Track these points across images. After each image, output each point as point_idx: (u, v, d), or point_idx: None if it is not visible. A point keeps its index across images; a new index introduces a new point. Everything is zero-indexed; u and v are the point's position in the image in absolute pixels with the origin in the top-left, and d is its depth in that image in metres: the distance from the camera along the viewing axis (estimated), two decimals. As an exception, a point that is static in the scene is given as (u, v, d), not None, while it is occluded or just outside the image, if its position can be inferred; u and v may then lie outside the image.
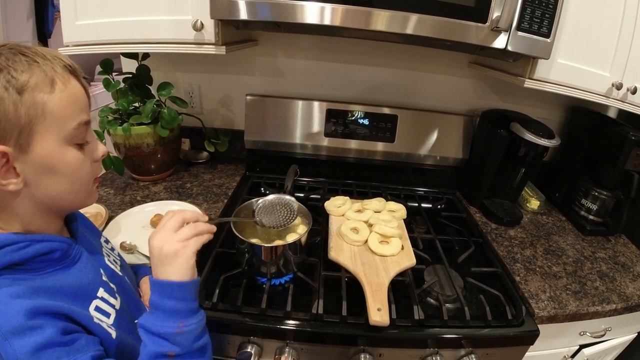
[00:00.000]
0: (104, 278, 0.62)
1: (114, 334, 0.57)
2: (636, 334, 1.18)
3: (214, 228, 0.63)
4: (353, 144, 1.37)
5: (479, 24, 0.90)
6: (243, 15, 0.89)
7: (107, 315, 0.58)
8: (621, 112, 1.42)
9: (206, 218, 0.64)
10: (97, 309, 0.56)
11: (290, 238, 0.89)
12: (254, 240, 0.87)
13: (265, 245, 0.85)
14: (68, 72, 0.52)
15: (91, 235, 0.69)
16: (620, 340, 1.16)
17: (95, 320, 0.54)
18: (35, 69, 0.48)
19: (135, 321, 0.65)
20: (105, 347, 0.54)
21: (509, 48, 0.93)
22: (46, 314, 0.48)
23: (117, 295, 0.63)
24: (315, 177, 1.39)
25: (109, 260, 0.69)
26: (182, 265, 0.56)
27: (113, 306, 0.60)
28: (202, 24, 0.95)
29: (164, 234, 0.57)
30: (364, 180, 1.42)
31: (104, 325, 0.55)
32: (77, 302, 0.54)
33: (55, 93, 0.49)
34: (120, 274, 0.69)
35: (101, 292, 0.59)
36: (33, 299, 0.48)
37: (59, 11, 2.54)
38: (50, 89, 0.48)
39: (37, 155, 0.48)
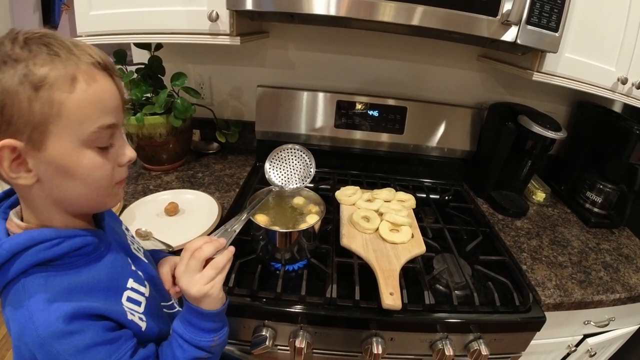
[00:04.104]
0: (133, 267, 0.63)
1: (143, 326, 0.58)
2: (639, 325, 1.21)
3: (232, 252, 0.64)
4: (362, 135, 1.39)
5: (490, 17, 0.92)
6: (258, 5, 0.91)
7: (139, 304, 0.59)
8: (626, 107, 1.44)
9: (223, 243, 0.63)
10: (129, 299, 0.58)
11: (304, 225, 0.91)
12: (268, 224, 0.88)
13: (280, 231, 0.87)
14: (97, 69, 0.48)
15: (116, 225, 0.69)
16: (623, 330, 1.18)
17: (129, 316, 0.55)
18: (57, 64, 0.44)
19: (164, 309, 0.68)
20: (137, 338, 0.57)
21: (519, 41, 0.94)
22: (84, 317, 0.49)
23: (145, 282, 0.64)
24: (325, 167, 1.40)
25: (133, 248, 0.69)
26: (214, 301, 0.61)
27: (143, 294, 0.61)
28: (217, 14, 0.96)
29: (189, 278, 0.59)
30: (373, 171, 1.43)
31: (135, 318, 0.57)
32: (110, 296, 0.55)
33: (76, 92, 0.45)
34: (145, 260, 0.70)
35: (131, 283, 0.60)
36: (70, 300, 0.48)
37: (65, 3, 2.56)
38: (69, 88, 0.45)
39: (51, 154, 0.46)
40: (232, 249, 0.64)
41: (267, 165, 0.98)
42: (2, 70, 0.43)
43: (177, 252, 0.92)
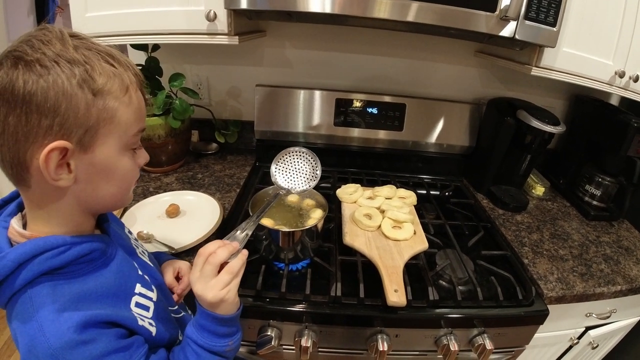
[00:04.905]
0: (140, 272, 0.62)
1: (154, 331, 0.58)
2: (640, 316, 1.22)
3: (245, 255, 0.64)
4: (362, 132, 1.39)
5: (489, 13, 0.92)
6: (254, 4, 0.90)
7: (147, 309, 0.58)
8: (623, 100, 1.45)
9: (237, 247, 0.63)
10: (137, 304, 0.57)
11: (307, 224, 0.90)
12: (270, 224, 0.88)
13: (283, 230, 0.87)
14: (137, 81, 0.52)
15: (120, 230, 0.68)
16: (625, 322, 1.19)
17: (139, 321, 0.55)
18: (112, 74, 0.47)
19: (173, 314, 0.68)
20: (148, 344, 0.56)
21: (517, 37, 0.94)
22: (96, 325, 0.48)
23: (153, 287, 0.63)
24: (325, 166, 1.37)
25: (139, 252, 0.69)
26: (229, 306, 0.60)
27: (151, 299, 0.60)
28: (215, 14, 0.96)
29: (204, 283, 0.58)
30: (373, 168, 1.44)
31: (145, 323, 0.56)
32: (119, 302, 0.54)
33: (127, 101, 0.49)
34: (151, 264, 0.70)
35: (139, 288, 0.59)
36: (80, 309, 0.48)
37: (59, 7, 2.53)
38: (123, 97, 0.48)
39: (96, 156, 0.48)
40: (245, 252, 0.64)
41: (272, 168, 0.98)
42: (57, 71, 0.43)
43: (180, 254, 0.92)
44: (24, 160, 0.45)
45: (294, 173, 0.99)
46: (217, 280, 0.58)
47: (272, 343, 0.83)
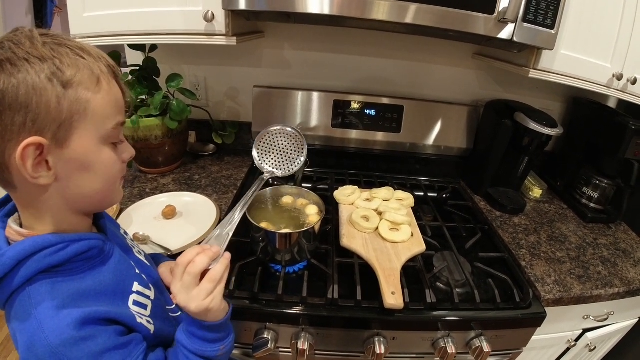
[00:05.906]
0: (137, 271, 0.62)
1: (152, 329, 0.58)
2: (638, 319, 1.22)
3: (228, 260, 0.61)
4: (360, 134, 1.39)
5: (487, 15, 0.92)
6: (251, 5, 0.90)
7: (145, 307, 0.59)
8: (620, 102, 1.45)
9: (217, 252, 0.60)
10: (135, 302, 0.57)
11: (304, 226, 0.90)
12: (267, 226, 0.88)
13: (280, 232, 0.86)
14: (110, 71, 0.51)
15: (115, 229, 0.68)
16: (622, 325, 1.19)
17: (138, 319, 0.55)
18: (82, 65, 0.47)
19: (170, 313, 0.68)
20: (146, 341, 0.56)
21: (515, 39, 0.95)
22: (95, 322, 0.48)
23: (150, 285, 0.63)
24: (322, 167, 1.40)
25: (135, 251, 0.69)
26: (216, 313, 0.59)
27: (148, 297, 0.61)
28: (213, 14, 0.95)
29: (186, 294, 0.56)
30: (371, 170, 1.43)
31: (144, 321, 0.56)
32: (117, 300, 0.54)
33: (99, 92, 0.48)
34: (147, 263, 0.70)
35: (136, 286, 0.59)
36: (79, 306, 0.48)
37: (57, 6, 2.53)
38: (95, 88, 0.48)
39: (73, 151, 0.47)
40: (228, 256, 0.61)
41: (254, 153, 0.96)
42: (26, 68, 0.43)
43: (176, 256, 0.91)
44: (4, 160, 0.45)
45: (278, 154, 0.96)
46: (200, 290, 0.56)
47: (269, 346, 0.83)
